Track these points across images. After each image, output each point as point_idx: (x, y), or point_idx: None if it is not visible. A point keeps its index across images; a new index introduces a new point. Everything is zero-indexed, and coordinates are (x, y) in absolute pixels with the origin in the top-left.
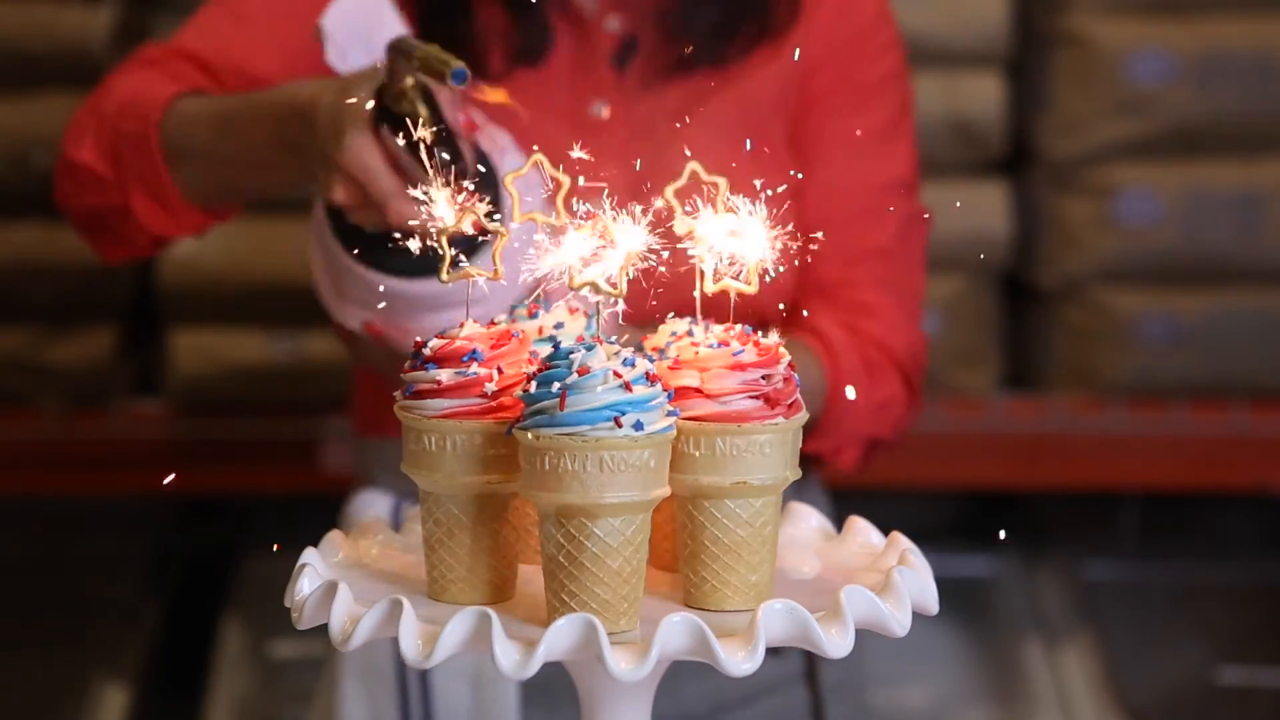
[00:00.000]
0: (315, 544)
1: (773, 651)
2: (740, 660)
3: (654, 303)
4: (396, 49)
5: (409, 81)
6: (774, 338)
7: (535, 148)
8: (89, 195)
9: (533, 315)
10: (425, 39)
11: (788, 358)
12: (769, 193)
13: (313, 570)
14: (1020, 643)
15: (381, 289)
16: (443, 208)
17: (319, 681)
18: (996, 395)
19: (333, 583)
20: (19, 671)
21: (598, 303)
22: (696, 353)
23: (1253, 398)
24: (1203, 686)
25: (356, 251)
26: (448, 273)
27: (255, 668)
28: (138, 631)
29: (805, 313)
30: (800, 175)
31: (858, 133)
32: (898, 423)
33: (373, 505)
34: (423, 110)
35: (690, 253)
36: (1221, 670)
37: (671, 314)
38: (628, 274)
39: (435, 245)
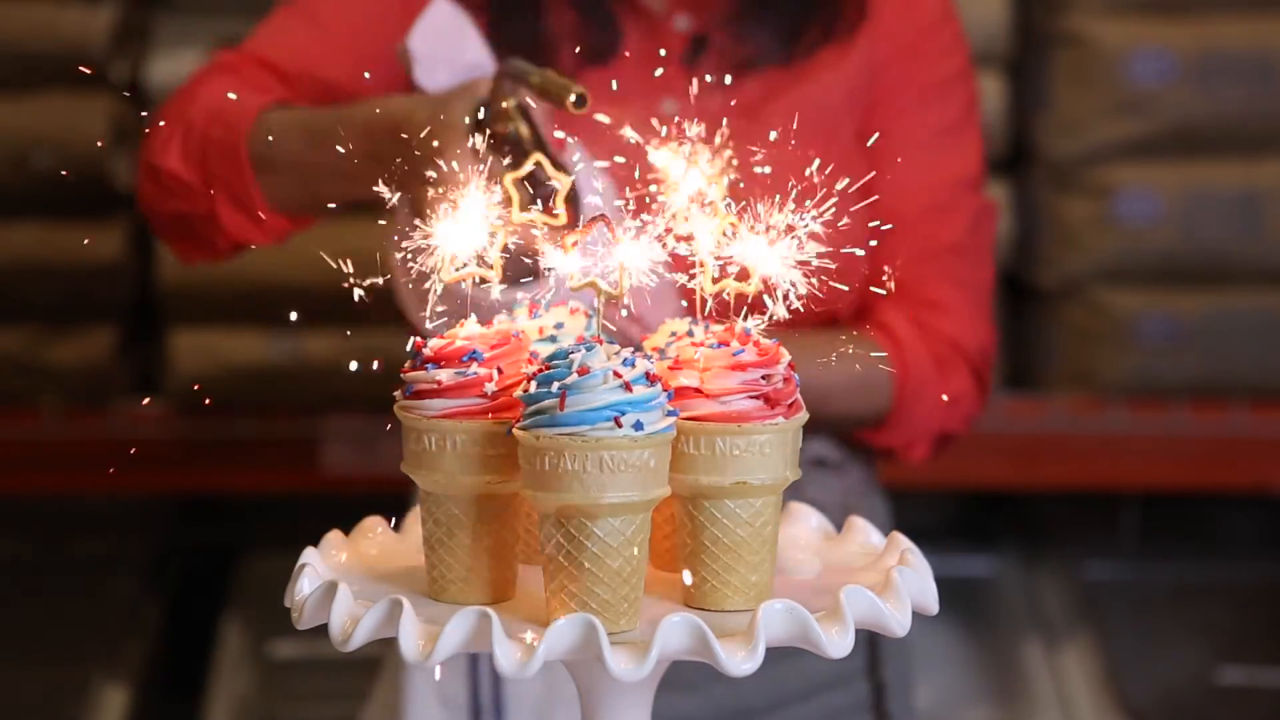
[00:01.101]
0: (315, 544)
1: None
2: (740, 660)
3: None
4: (510, 72)
5: (510, 102)
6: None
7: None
8: (174, 201)
9: (533, 315)
10: (495, 39)
11: (788, 358)
12: (841, 192)
13: (313, 570)
14: (1020, 643)
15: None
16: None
17: (378, 684)
18: (996, 395)
19: (333, 583)
20: (19, 671)
21: (598, 303)
22: (697, 353)
23: (1253, 398)
24: (1203, 686)
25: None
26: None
27: (255, 668)
28: (138, 631)
29: (876, 309)
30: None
31: (926, 130)
32: (967, 417)
33: None
34: (524, 130)
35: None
36: (1221, 670)
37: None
38: (629, 276)
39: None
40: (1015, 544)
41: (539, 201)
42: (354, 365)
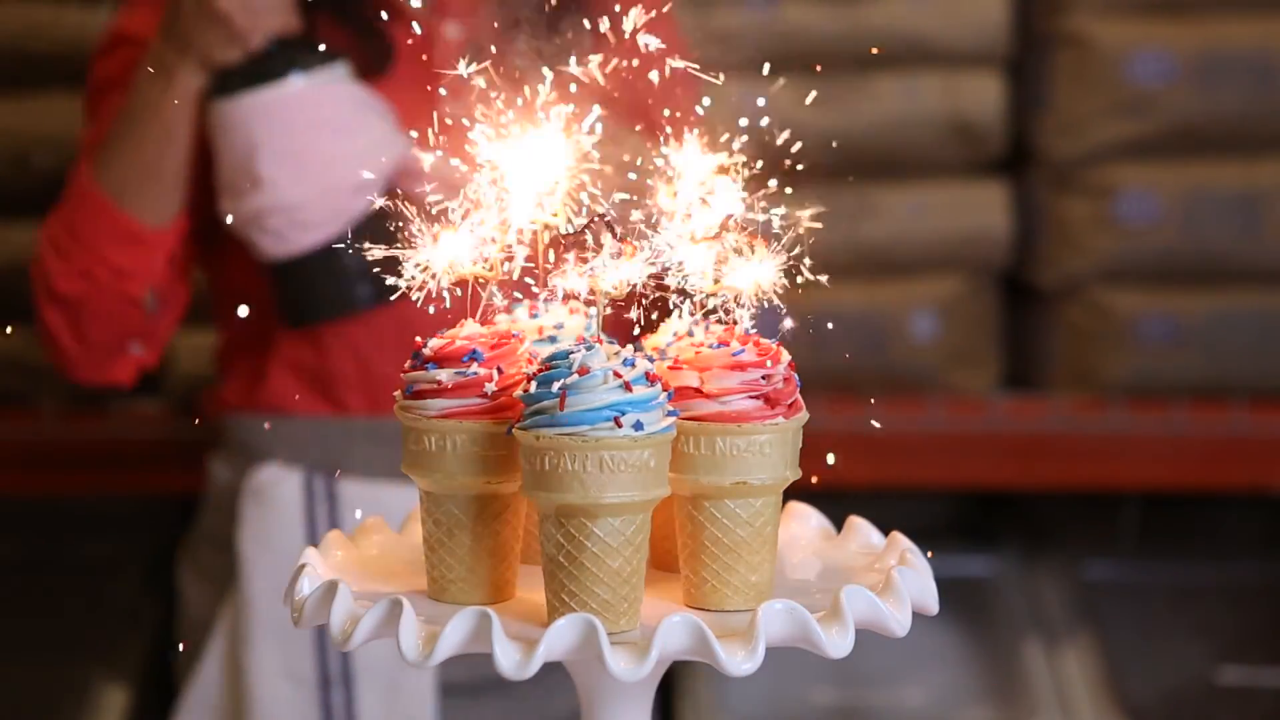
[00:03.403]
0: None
1: None
2: (740, 660)
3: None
4: None
5: None
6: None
7: None
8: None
9: (533, 315)
10: None
11: (788, 358)
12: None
13: (313, 570)
14: (1020, 643)
15: (247, 109)
16: None
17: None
18: (996, 395)
19: (333, 583)
20: (19, 671)
21: (599, 303)
22: (696, 353)
23: (1253, 398)
24: (1203, 686)
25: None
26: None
27: None
28: (138, 631)
29: None
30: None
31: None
32: None
33: (283, 480)
34: None
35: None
36: (1221, 670)
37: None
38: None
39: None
40: (1015, 544)
41: None
42: None
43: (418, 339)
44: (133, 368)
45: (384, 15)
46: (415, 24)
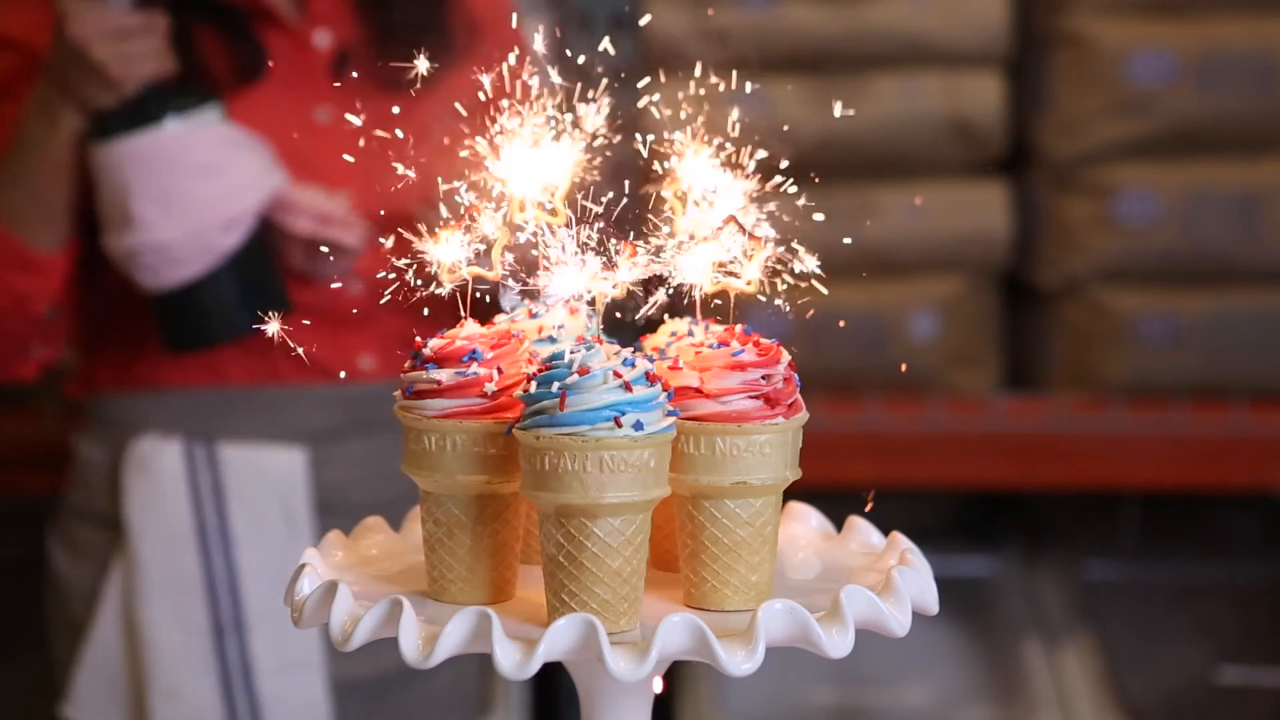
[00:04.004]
0: (315, 544)
1: None
2: (740, 660)
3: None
4: None
5: None
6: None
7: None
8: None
9: (533, 315)
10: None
11: (788, 357)
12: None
13: (313, 570)
14: (1020, 643)
15: (120, 153)
16: None
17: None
18: (996, 395)
19: (333, 583)
20: (19, 672)
21: (599, 303)
22: (696, 353)
23: (1253, 398)
24: (1203, 686)
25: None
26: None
27: None
28: None
29: None
30: None
31: None
32: None
33: (163, 450)
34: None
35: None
36: (1221, 670)
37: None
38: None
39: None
40: (1015, 544)
41: None
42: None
43: (418, 339)
44: (35, 366)
45: (253, 22)
46: (286, 31)
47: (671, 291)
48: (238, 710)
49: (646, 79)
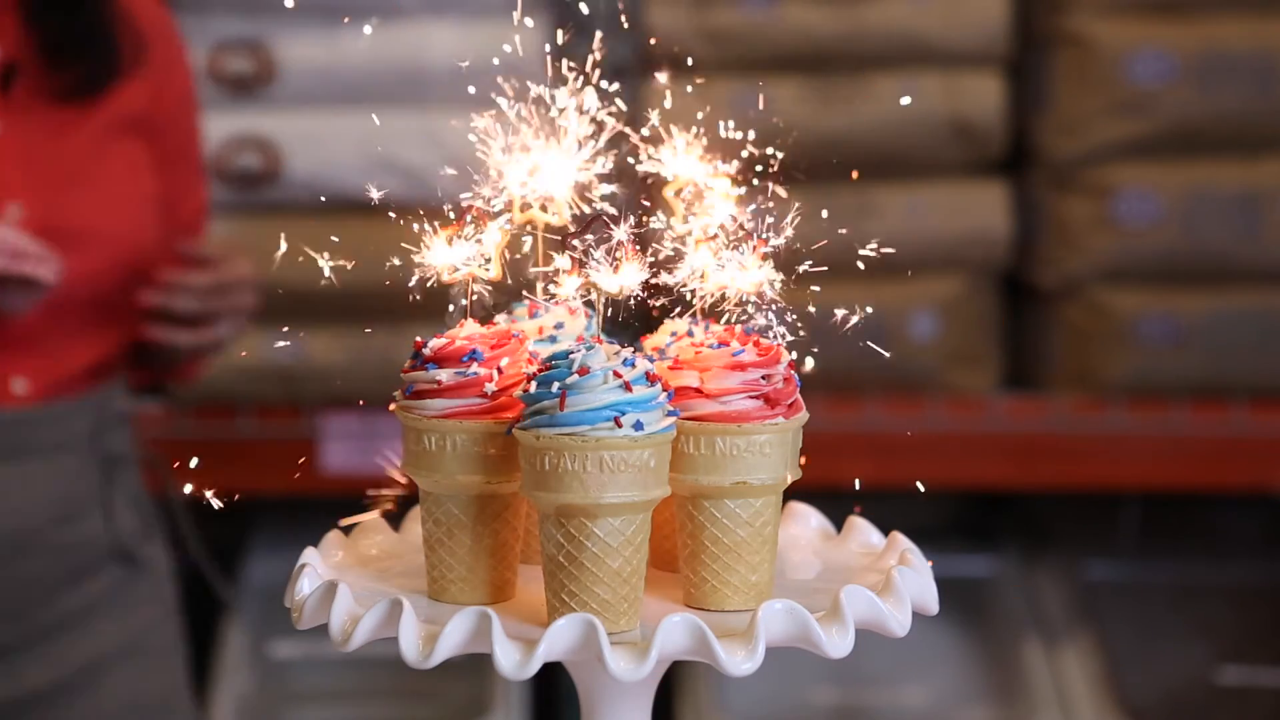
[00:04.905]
0: (315, 544)
1: None
2: (740, 660)
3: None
4: None
5: None
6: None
7: None
8: None
9: (533, 315)
10: None
11: (788, 357)
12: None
13: (313, 570)
14: (1020, 643)
15: None
16: None
17: None
18: (996, 395)
19: (333, 583)
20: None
21: (600, 303)
22: (696, 353)
23: (1253, 398)
24: (1203, 686)
25: None
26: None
27: (255, 668)
28: None
29: None
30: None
31: (198, 136)
32: None
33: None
34: None
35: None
36: (1221, 670)
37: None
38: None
39: None
40: (1015, 544)
41: None
42: None
43: (418, 339)
44: None
45: None
46: None
47: (672, 294)
48: None
49: (646, 79)
